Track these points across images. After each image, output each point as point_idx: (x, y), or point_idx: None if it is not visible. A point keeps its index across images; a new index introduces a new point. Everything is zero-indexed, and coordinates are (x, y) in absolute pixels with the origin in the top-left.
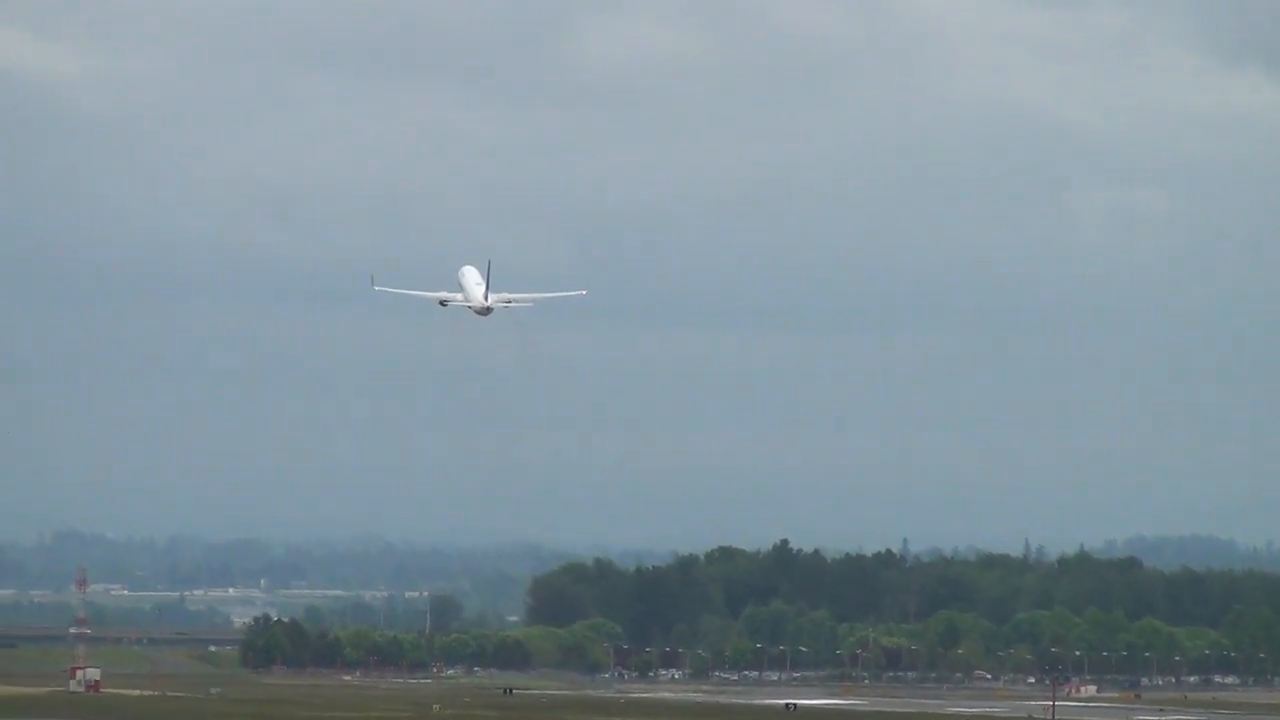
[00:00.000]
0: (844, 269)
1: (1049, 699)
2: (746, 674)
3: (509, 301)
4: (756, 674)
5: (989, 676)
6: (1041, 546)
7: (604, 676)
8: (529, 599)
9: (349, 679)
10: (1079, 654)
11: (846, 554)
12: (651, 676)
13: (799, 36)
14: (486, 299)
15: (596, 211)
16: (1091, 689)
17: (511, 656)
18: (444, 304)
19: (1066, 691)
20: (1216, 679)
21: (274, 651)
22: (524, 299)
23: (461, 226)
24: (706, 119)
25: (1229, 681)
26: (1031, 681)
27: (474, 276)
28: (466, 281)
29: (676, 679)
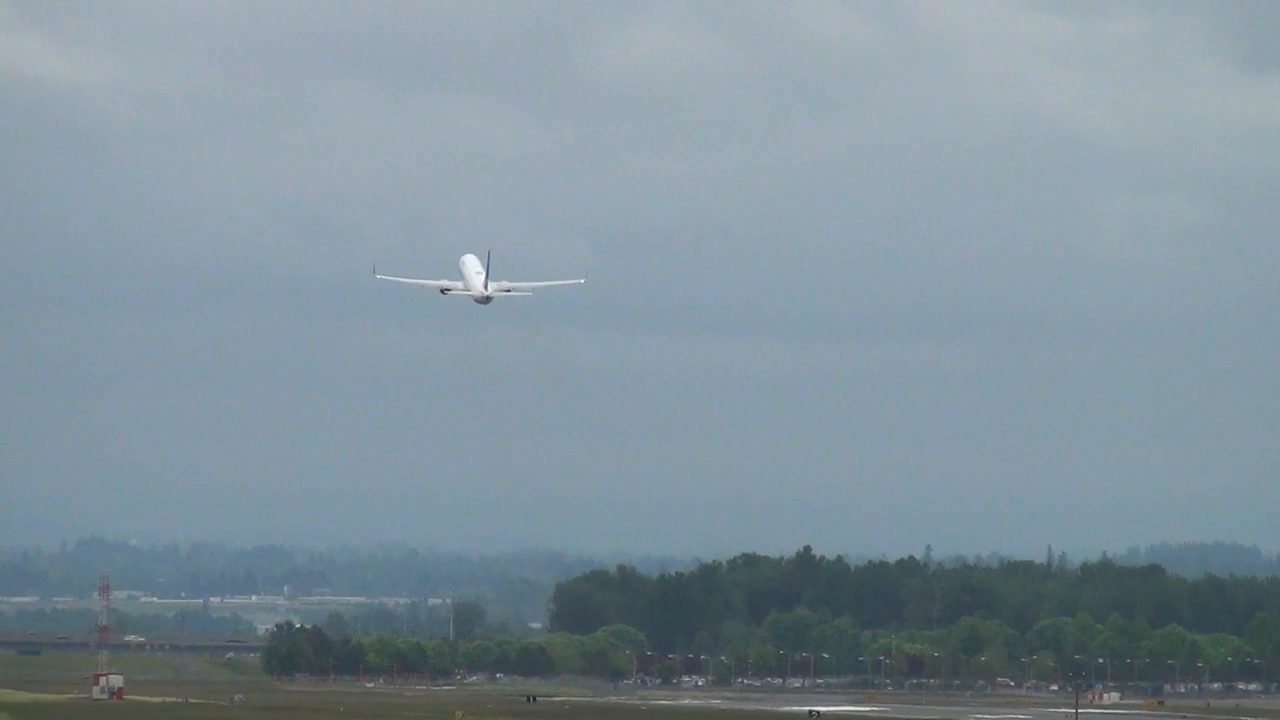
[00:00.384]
0: (866, 278)
1: (1072, 706)
2: (769, 681)
3: (509, 290)
4: (779, 681)
5: (1012, 683)
6: (1064, 553)
7: (627, 683)
8: (552, 605)
9: (372, 686)
10: (1102, 661)
11: (869, 561)
12: (674, 683)
13: (819, 45)
14: (486, 288)
15: (619, 219)
16: (1114, 696)
17: (534, 663)
18: (445, 292)
19: (1089, 698)
20: (1239, 686)
21: (297, 658)
22: (523, 288)
23: (483, 234)
24: (726, 126)
25: (1252, 689)
26: (1054, 688)
27: (474, 265)
28: (467, 270)
29: (699, 686)
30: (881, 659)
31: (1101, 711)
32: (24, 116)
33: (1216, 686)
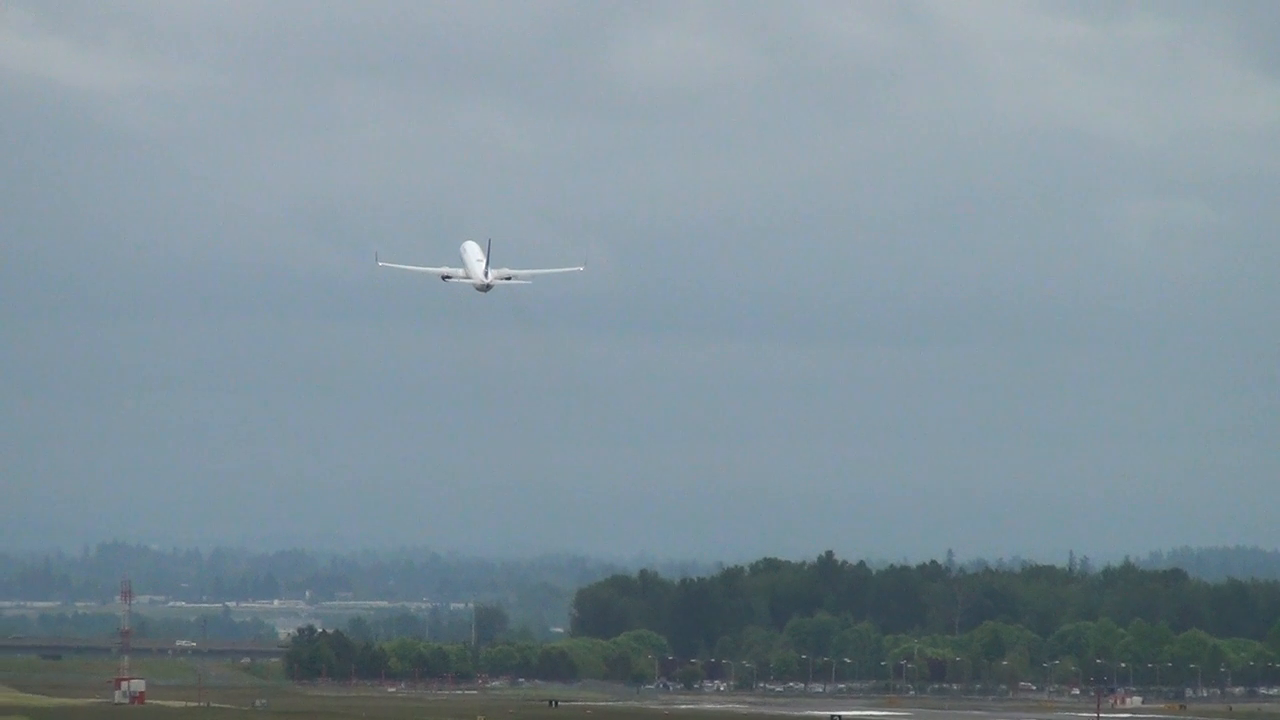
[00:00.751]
0: (887, 283)
1: (1094, 711)
2: (791, 685)
3: (509, 278)
4: (801, 685)
5: (1033, 688)
6: (1086, 558)
7: (649, 688)
8: (574, 610)
9: (394, 690)
10: (1124, 665)
11: (891, 565)
12: (696, 688)
13: (840, 51)
14: (486, 276)
15: (639, 224)
16: (1136, 700)
17: (556, 668)
18: (446, 279)
19: (1111, 703)
20: (1262, 690)
21: (319, 663)
22: (523, 275)
23: (502, 237)
24: (746, 132)
25: (1274, 693)
26: (1076, 693)
27: (475, 253)
28: (468, 257)
29: (721, 690)
30: (903, 664)
31: (1123, 716)
32: (43, 119)
33: (1239, 691)
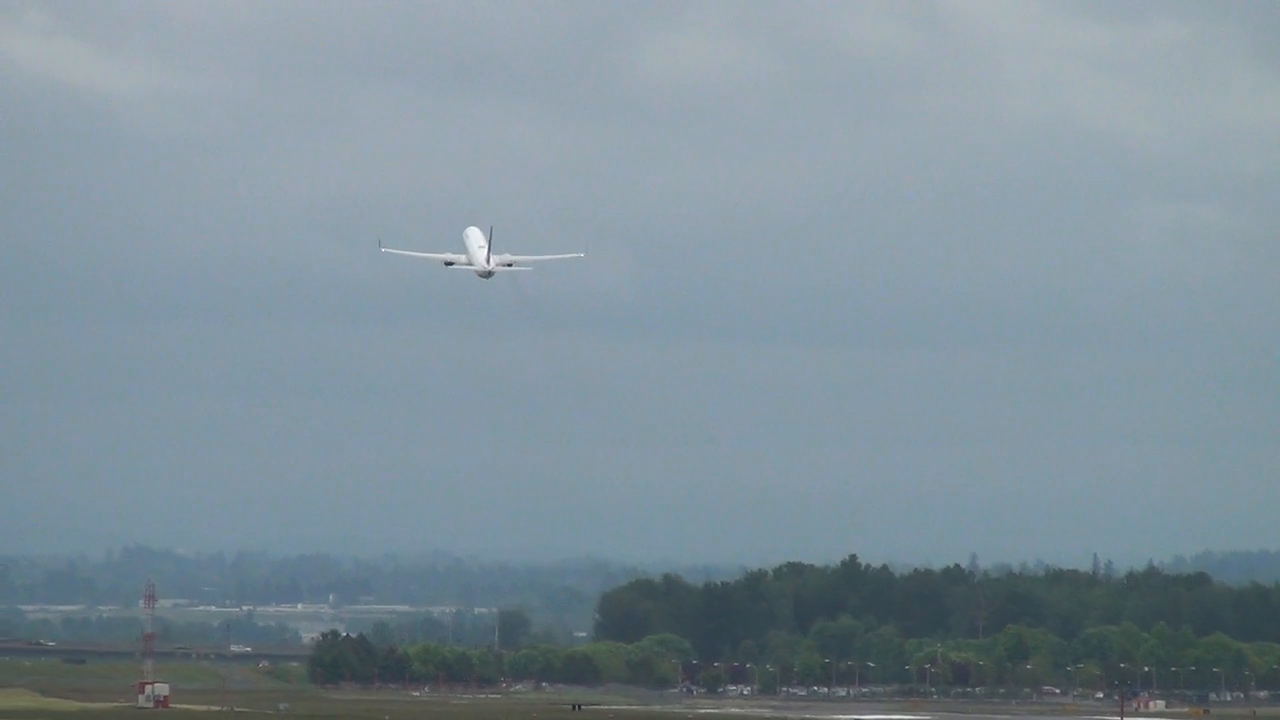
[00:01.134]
0: (909, 284)
1: (1117, 714)
2: (815, 689)
3: (510, 264)
4: (825, 689)
5: (1057, 692)
6: (1110, 562)
7: (672, 692)
8: (597, 615)
9: (418, 694)
10: (1147, 669)
11: (915, 569)
12: (719, 692)
13: (858, 54)
14: (488, 262)
15: (660, 227)
16: (1160, 704)
17: (580, 672)
18: (449, 265)
19: (1135, 707)
20: None
21: (342, 667)
22: (524, 262)
23: (520, 240)
24: (764, 135)
25: None
26: (1100, 697)
27: (477, 239)
28: (470, 244)
29: (745, 695)
30: (927, 668)
31: None
32: (61, 122)
33: (1263, 695)
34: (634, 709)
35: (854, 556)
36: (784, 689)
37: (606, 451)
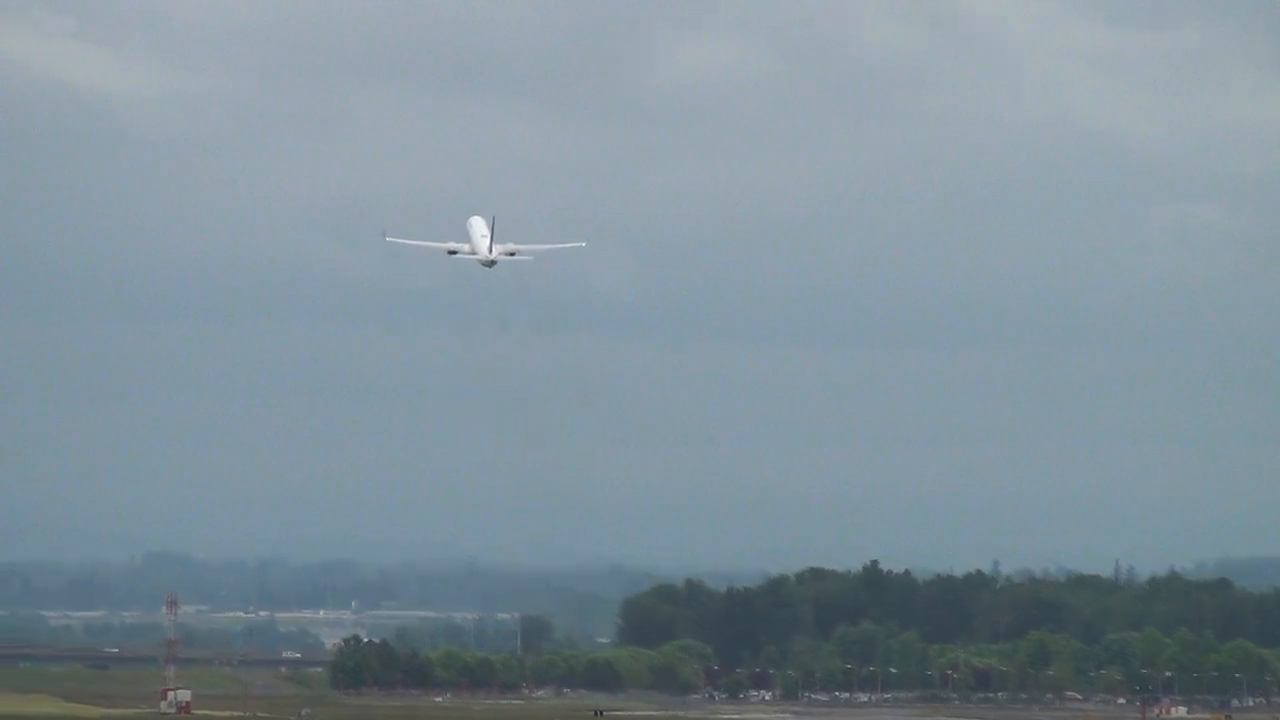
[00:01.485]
0: (924, 285)
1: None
2: (837, 695)
3: (513, 253)
4: (847, 695)
5: (1079, 697)
6: (1132, 567)
7: (694, 697)
8: (619, 620)
9: (440, 700)
10: (1169, 675)
11: (937, 575)
12: (742, 698)
13: (859, 53)
14: (491, 251)
15: (668, 228)
16: (1182, 710)
17: (602, 678)
18: (452, 253)
19: (1157, 712)
20: None
21: (364, 672)
22: (527, 251)
23: (521, 237)
24: (770, 136)
25: None
26: (1122, 702)
27: (480, 228)
28: (473, 233)
29: (767, 700)
30: (949, 673)
31: None
32: (61, 122)
33: None
34: (656, 715)
35: (875, 562)
36: (806, 695)
37: (627, 455)
